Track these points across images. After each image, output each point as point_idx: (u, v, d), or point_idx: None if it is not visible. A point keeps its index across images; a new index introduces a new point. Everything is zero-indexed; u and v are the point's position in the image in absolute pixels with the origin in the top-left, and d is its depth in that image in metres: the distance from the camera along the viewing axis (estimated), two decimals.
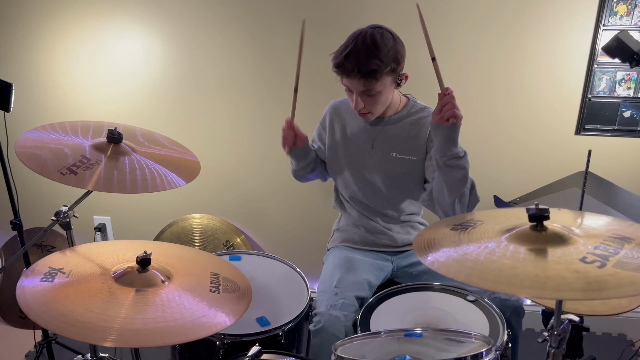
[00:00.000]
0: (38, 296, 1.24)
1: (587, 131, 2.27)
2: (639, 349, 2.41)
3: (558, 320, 0.98)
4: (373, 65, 1.58)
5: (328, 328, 1.59)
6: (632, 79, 2.17)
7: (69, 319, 1.18)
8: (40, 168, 1.41)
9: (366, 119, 1.78)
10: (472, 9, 2.20)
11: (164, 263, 1.45)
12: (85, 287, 1.29)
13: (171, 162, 1.65)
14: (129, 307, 1.25)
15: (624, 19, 2.09)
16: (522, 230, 0.98)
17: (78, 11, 2.42)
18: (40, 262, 1.38)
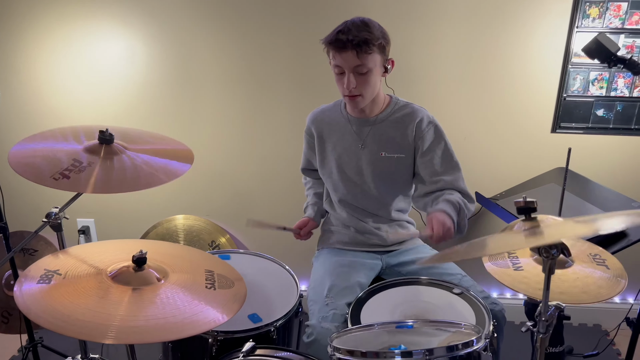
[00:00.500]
0: (37, 298, 1.25)
1: (562, 129, 2.36)
2: (613, 338, 2.51)
3: (545, 306, 1.03)
4: (365, 35, 1.64)
5: (320, 340, 1.61)
6: (604, 79, 2.26)
7: (69, 319, 1.20)
8: (35, 176, 1.42)
9: (355, 104, 1.79)
10: (453, 13, 2.27)
11: (159, 261, 1.47)
12: (82, 287, 1.31)
13: (165, 153, 1.67)
14: (127, 305, 1.27)
15: (597, 21, 2.18)
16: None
17: (62, 13, 2.41)
18: (34, 266, 1.39)
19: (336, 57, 1.70)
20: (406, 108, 1.86)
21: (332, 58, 1.73)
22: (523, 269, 1.48)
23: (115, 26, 2.42)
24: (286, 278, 1.90)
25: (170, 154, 1.67)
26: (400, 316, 1.57)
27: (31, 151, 1.54)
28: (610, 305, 2.65)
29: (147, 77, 2.49)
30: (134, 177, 1.51)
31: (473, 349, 1.15)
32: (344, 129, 1.90)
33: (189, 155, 1.71)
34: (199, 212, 2.72)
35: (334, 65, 1.74)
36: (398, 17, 2.28)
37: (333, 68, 1.75)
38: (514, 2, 2.22)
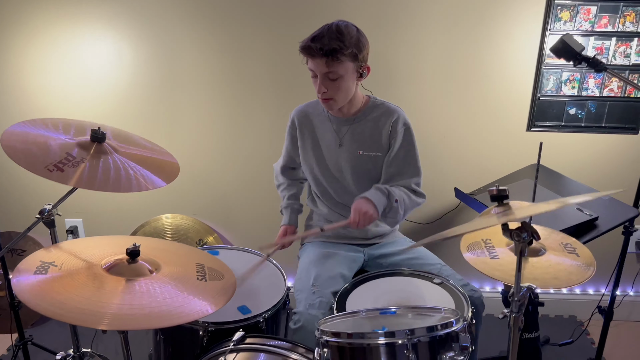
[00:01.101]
0: (34, 287, 1.30)
1: (537, 127, 2.46)
2: (586, 327, 2.62)
3: (518, 286, 1.11)
4: (334, 45, 1.70)
5: (307, 327, 1.68)
6: (576, 79, 2.37)
7: (66, 306, 1.25)
8: (28, 163, 1.46)
9: (328, 106, 1.86)
10: (435, 17, 2.35)
11: (151, 255, 1.53)
12: (78, 278, 1.36)
13: (152, 163, 1.72)
14: (121, 295, 1.32)
15: (568, 24, 2.29)
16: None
17: (49, 16, 2.45)
18: (29, 259, 1.43)
19: (309, 62, 1.78)
20: (382, 107, 1.94)
21: (306, 62, 1.80)
22: (499, 257, 1.56)
23: (102, 29, 2.46)
24: (273, 272, 1.96)
25: (155, 165, 1.72)
26: (384, 305, 1.64)
27: (24, 135, 1.56)
28: (585, 297, 2.75)
29: (134, 78, 2.53)
30: (116, 179, 1.56)
31: (452, 329, 1.23)
32: (325, 126, 1.97)
33: (174, 168, 1.76)
34: (186, 211, 2.77)
35: (309, 68, 1.81)
36: (382, 21, 2.36)
37: (309, 70, 1.82)
38: (491, 7, 2.32)
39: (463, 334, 1.26)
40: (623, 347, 2.54)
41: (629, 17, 2.27)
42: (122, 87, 2.55)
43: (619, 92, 2.37)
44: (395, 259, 1.97)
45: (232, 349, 1.51)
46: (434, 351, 1.20)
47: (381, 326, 1.27)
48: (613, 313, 2.13)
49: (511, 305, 1.15)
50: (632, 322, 2.77)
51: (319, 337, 1.31)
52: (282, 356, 1.49)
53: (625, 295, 2.72)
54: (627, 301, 2.71)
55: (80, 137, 1.67)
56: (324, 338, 1.28)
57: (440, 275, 1.79)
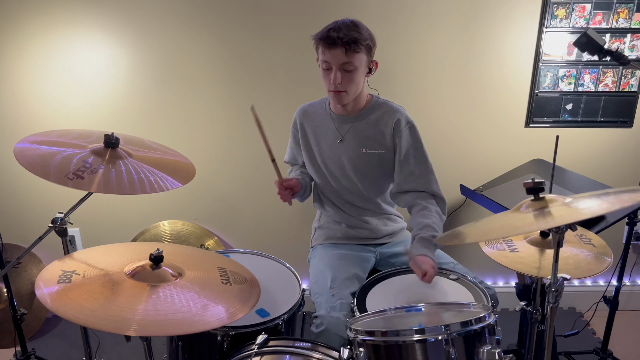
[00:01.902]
0: (61, 295, 1.27)
1: (535, 123, 2.51)
2: (590, 319, 2.67)
3: (555, 277, 1.13)
4: (355, 34, 1.73)
5: (331, 329, 1.67)
6: (572, 75, 2.42)
7: (96, 313, 1.23)
8: (46, 174, 1.43)
9: (340, 99, 1.85)
10: (434, 17, 2.38)
11: (173, 261, 1.51)
12: (102, 285, 1.34)
13: (167, 165, 1.70)
14: (146, 301, 1.30)
15: (564, 21, 2.34)
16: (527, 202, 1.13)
17: (44, 22, 2.40)
18: (49, 269, 1.41)
19: (325, 53, 1.77)
20: (385, 106, 1.95)
21: (321, 54, 1.79)
22: (518, 250, 1.59)
23: (97, 34, 2.42)
24: (287, 274, 1.95)
25: (170, 167, 1.70)
26: (404, 302, 1.65)
27: (34, 150, 1.54)
28: (582, 289, 2.81)
29: (131, 84, 2.50)
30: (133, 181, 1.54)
31: (486, 323, 1.24)
32: (327, 125, 1.97)
33: (190, 169, 1.76)
34: (184, 216, 2.74)
35: (322, 61, 1.80)
36: (380, 21, 2.38)
37: (321, 64, 1.82)
38: (488, 6, 2.35)
39: (496, 327, 1.27)
40: (621, 336, 2.60)
41: (622, 13, 2.33)
42: (118, 92, 2.51)
43: (614, 87, 2.43)
44: (406, 258, 1.98)
45: (257, 352, 1.50)
46: (472, 345, 1.21)
47: (415, 323, 1.27)
48: (618, 303, 2.18)
49: (548, 296, 1.17)
50: (629, 311, 2.84)
51: (354, 336, 1.30)
52: (306, 356, 1.48)
53: (623, 286, 2.78)
54: (624, 291, 2.78)
55: (89, 144, 1.64)
56: (360, 337, 1.28)
57: (455, 272, 1.81)
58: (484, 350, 1.21)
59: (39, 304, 2.70)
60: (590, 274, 1.47)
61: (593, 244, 1.62)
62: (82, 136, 1.70)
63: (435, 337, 1.20)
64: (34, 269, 2.71)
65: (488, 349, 1.21)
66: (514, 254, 1.57)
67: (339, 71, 1.78)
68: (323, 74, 1.84)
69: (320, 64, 1.83)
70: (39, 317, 2.69)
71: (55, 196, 2.66)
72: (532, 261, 1.52)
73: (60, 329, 2.74)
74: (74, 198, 1.62)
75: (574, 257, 1.54)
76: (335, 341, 1.63)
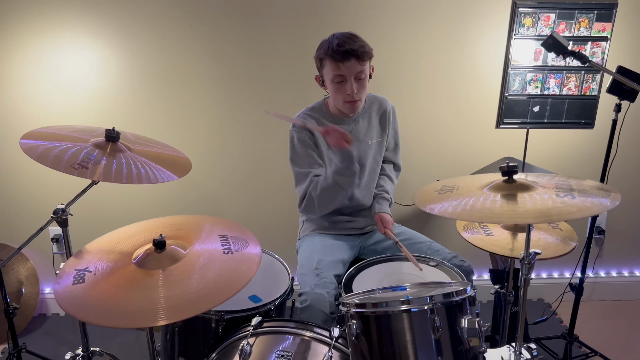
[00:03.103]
0: (79, 298, 1.32)
1: (505, 124, 2.67)
2: (556, 308, 2.84)
3: (527, 251, 1.27)
4: (364, 46, 1.89)
5: (314, 305, 1.79)
6: (539, 80, 2.60)
7: (119, 311, 1.27)
8: (55, 164, 1.51)
9: (355, 107, 1.98)
10: (413, 26, 2.54)
11: (175, 235, 1.57)
12: (116, 279, 1.39)
13: (165, 159, 1.79)
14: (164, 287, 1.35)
15: (530, 29, 2.52)
16: (497, 184, 1.26)
17: (34, 26, 2.47)
18: (62, 274, 1.43)
19: (340, 68, 1.88)
20: (374, 99, 2.16)
21: (334, 69, 1.89)
22: (493, 234, 1.73)
23: (87, 38, 2.50)
24: (276, 264, 2.05)
25: (168, 161, 1.79)
26: (390, 285, 1.76)
27: (40, 145, 1.62)
28: (550, 281, 2.99)
29: (121, 84, 2.58)
30: (132, 173, 1.62)
31: (467, 295, 1.37)
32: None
33: (187, 163, 1.83)
34: (172, 213, 2.79)
35: (334, 75, 1.90)
36: (364, 25, 2.52)
37: (333, 78, 1.91)
38: (461, 15, 2.52)
39: (476, 300, 1.40)
40: (586, 323, 2.77)
41: (583, 23, 2.52)
42: (110, 93, 2.59)
43: (576, 90, 2.62)
44: (388, 242, 2.12)
45: (253, 333, 1.60)
46: (454, 315, 1.34)
47: (402, 297, 1.39)
48: (583, 289, 2.35)
49: (521, 269, 1.30)
50: (593, 302, 3.02)
51: (346, 310, 1.41)
52: (299, 335, 1.59)
53: (587, 277, 2.97)
54: (588, 282, 2.96)
55: (91, 138, 1.72)
56: (352, 310, 1.39)
57: (435, 259, 1.94)
58: (465, 319, 1.34)
59: (26, 302, 2.73)
60: (558, 254, 1.62)
61: (560, 228, 1.77)
62: (84, 131, 1.78)
63: (420, 307, 1.32)
64: (20, 267, 2.74)
65: (469, 319, 1.34)
66: (490, 237, 1.71)
67: (354, 81, 1.91)
68: (335, 88, 1.94)
69: (329, 79, 1.93)
70: (26, 315, 2.72)
71: (42, 196, 2.71)
72: (506, 244, 1.67)
73: (46, 327, 2.78)
74: (62, 197, 1.71)
75: (544, 240, 1.70)
76: (318, 316, 1.75)
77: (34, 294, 2.77)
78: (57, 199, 1.71)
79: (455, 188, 1.37)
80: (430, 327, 1.32)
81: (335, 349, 1.51)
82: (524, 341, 1.42)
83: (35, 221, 1.70)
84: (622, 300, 3.03)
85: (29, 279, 2.76)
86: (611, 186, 1.22)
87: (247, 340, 1.54)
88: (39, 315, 2.88)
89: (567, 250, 1.67)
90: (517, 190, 1.24)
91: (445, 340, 1.32)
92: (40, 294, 2.84)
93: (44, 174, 2.68)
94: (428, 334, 1.31)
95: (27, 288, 2.74)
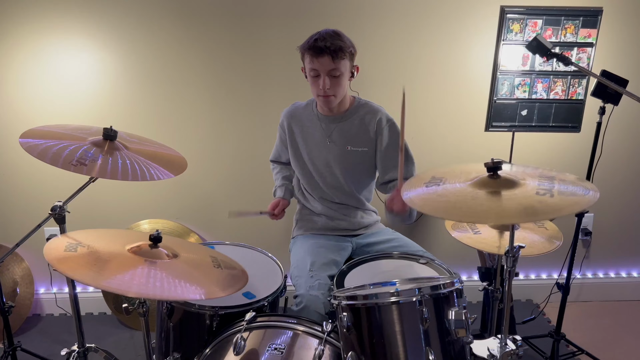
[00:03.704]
0: (68, 260, 1.39)
1: (494, 128, 2.74)
2: (543, 307, 2.90)
3: (512, 245, 1.32)
4: (339, 43, 1.92)
5: (310, 306, 1.83)
6: (527, 84, 2.67)
7: (100, 277, 1.34)
8: (54, 161, 1.55)
9: (328, 102, 2.03)
10: (405, 31, 2.60)
11: (170, 245, 1.63)
12: (105, 256, 1.46)
13: (161, 157, 1.83)
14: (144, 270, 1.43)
15: (518, 35, 2.59)
16: (482, 179, 1.31)
17: (31, 28, 2.51)
18: (54, 241, 1.52)
19: (313, 62, 1.95)
20: (367, 106, 2.14)
21: (309, 62, 1.97)
22: (481, 233, 1.78)
23: (85, 40, 2.55)
24: (269, 262, 2.09)
25: (164, 159, 1.83)
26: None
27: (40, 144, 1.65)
28: (539, 282, 3.04)
29: (116, 86, 2.62)
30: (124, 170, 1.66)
31: (454, 288, 1.42)
32: (314, 125, 2.14)
33: (182, 162, 1.87)
34: (165, 215, 2.84)
35: (309, 69, 1.98)
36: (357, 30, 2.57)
37: (308, 72, 1.99)
38: (452, 21, 2.59)
39: (463, 293, 1.45)
40: (574, 323, 2.83)
41: (569, 29, 2.59)
42: (104, 95, 2.63)
43: (563, 95, 2.69)
44: (381, 247, 2.15)
45: (247, 328, 1.64)
46: (442, 307, 1.39)
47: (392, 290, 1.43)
48: (569, 289, 2.40)
49: (507, 261, 1.35)
50: (580, 302, 3.08)
51: (337, 303, 1.46)
52: (292, 329, 1.63)
53: (574, 278, 3.03)
54: (575, 283, 3.02)
55: (89, 136, 1.76)
56: (343, 302, 1.43)
57: (424, 257, 1.99)
58: (452, 311, 1.38)
59: (20, 302, 2.75)
60: (543, 251, 1.67)
61: (546, 227, 1.82)
62: (81, 130, 1.82)
63: (409, 299, 1.37)
64: (16, 267, 2.76)
65: (456, 310, 1.38)
66: (478, 235, 1.77)
67: (327, 77, 1.95)
68: (311, 81, 2.01)
69: (307, 72, 2.00)
70: (21, 315, 2.74)
71: (37, 197, 2.74)
72: (493, 241, 1.72)
73: (41, 327, 2.80)
74: (58, 198, 1.75)
75: (530, 238, 1.75)
76: (314, 317, 1.79)
77: (28, 294, 2.79)
78: (53, 200, 1.75)
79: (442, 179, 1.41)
80: (419, 318, 1.36)
81: (327, 343, 1.55)
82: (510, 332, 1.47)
83: (31, 222, 1.75)
84: (609, 301, 3.09)
85: (24, 279, 2.78)
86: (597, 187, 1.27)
87: (240, 335, 1.58)
88: (34, 315, 2.89)
89: (552, 248, 1.72)
90: (502, 187, 1.29)
91: (433, 331, 1.37)
92: (35, 294, 2.86)
93: (39, 174, 2.71)
94: (416, 325, 1.36)
95: (22, 288, 2.77)
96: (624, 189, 2.91)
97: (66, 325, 2.80)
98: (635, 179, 2.90)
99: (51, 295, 2.90)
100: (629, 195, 2.92)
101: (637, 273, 3.10)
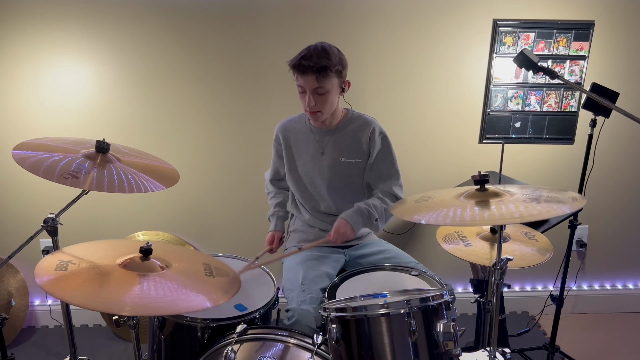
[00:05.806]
0: (60, 282, 1.38)
1: (488, 140, 2.74)
2: (538, 319, 2.89)
3: (499, 257, 1.33)
4: (324, 62, 1.91)
5: (301, 321, 1.83)
6: (520, 96, 2.68)
7: (92, 296, 1.35)
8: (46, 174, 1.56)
9: (315, 118, 2.05)
10: (392, 41, 2.63)
11: (162, 255, 1.64)
12: (95, 273, 1.46)
13: (153, 170, 1.84)
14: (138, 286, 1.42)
15: (511, 47, 2.61)
16: (471, 192, 1.33)
17: (29, 43, 2.53)
18: (45, 260, 1.51)
19: (299, 79, 1.97)
20: (360, 119, 2.16)
21: (296, 79, 1.99)
22: (472, 245, 1.79)
23: (81, 54, 2.58)
24: (262, 274, 2.10)
25: (156, 172, 1.84)
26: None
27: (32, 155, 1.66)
28: (535, 294, 3.04)
29: (112, 98, 2.65)
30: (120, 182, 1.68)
31: (442, 300, 1.42)
32: (308, 138, 2.16)
33: (174, 174, 1.89)
34: (159, 227, 2.85)
35: (297, 85, 2.00)
36: (344, 44, 2.60)
37: (297, 87, 2.01)
38: (444, 33, 2.62)
39: (452, 306, 1.45)
40: (569, 335, 2.82)
41: (561, 42, 2.61)
42: (100, 107, 2.65)
43: (556, 107, 2.70)
44: (374, 258, 2.16)
45: (237, 340, 1.64)
46: (430, 319, 1.39)
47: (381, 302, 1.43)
48: (563, 300, 2.40)
49: (494, 275, 1.36)
50: (576, 315, 3.07)
51: (327, 315, 1.46)
52: (283, 342, 1.63)
53: (569, 290, 3.03)
54: (571, 295, 3.02)
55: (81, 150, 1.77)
56: (332, 315, 1.43)
57: (416, 269, 1.99)
58: (440, 323, 1.39)
59: (15, 314, 2.75)
60: (533, 263, 1.67)
61: (536, 239, 1.83)
62: (75, 143, 1.83)
63: (397, 311, 1.37)
64: (11, 279, 2.76)
65: (445, 323, 1.39)
66: (468, 248, 1.77)
67: (312, 95, 1.97)
68: (300, 96, 2.03)
69: (297, 87, 2.02)
70: (15, 327, 2.74)
71: (31, 208, 2.75)
72: (484, 253, 1.72)
73: (35, 339, 2.80)
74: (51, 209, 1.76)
75: (520, 250, 1.75)
76: (305, 332, 1.79)
77: (23, 306, 2.79)
78: (46, 211, 1.76)
79: (430, 197, 1.43)
80: (407, 330, 1.37)
81: (318, 356, 1.55)
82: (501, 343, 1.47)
83: (26, 233, 1.76)
84: (604, 313, 3.08)
85: (19, 291, 2.78)
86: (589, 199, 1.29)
87: (231, 347, 1.58)
88: (28, 327, 2.89)
89: (542, 260, 1.72)
90: (489, 197, 1.30)
91: (422, 344, 1.37)
92: (30, 306, 2.85)
93: (33, 186, 2.72)
94: (405, 337, 1.36)
95: (17, 300, 2.77)
96: (618, 200, 2.91)
97: (61, 338, 2.79)
98: (629, 190, 2.90)
99: (46, 307, 2.90)
100: (624, 207, 2.93)
101: (632, 285, 3.10)
